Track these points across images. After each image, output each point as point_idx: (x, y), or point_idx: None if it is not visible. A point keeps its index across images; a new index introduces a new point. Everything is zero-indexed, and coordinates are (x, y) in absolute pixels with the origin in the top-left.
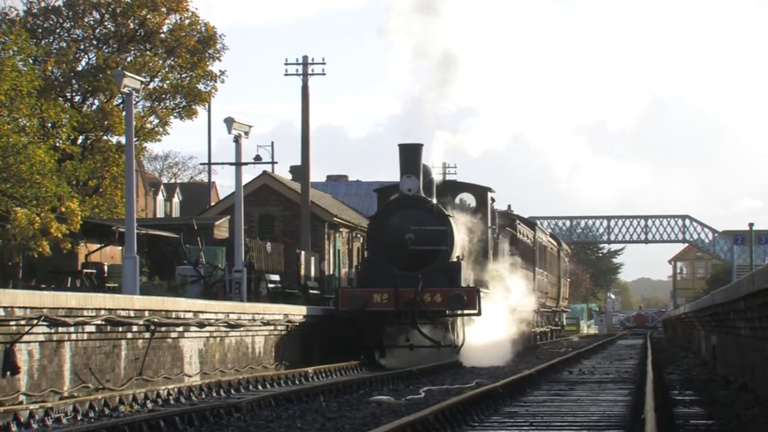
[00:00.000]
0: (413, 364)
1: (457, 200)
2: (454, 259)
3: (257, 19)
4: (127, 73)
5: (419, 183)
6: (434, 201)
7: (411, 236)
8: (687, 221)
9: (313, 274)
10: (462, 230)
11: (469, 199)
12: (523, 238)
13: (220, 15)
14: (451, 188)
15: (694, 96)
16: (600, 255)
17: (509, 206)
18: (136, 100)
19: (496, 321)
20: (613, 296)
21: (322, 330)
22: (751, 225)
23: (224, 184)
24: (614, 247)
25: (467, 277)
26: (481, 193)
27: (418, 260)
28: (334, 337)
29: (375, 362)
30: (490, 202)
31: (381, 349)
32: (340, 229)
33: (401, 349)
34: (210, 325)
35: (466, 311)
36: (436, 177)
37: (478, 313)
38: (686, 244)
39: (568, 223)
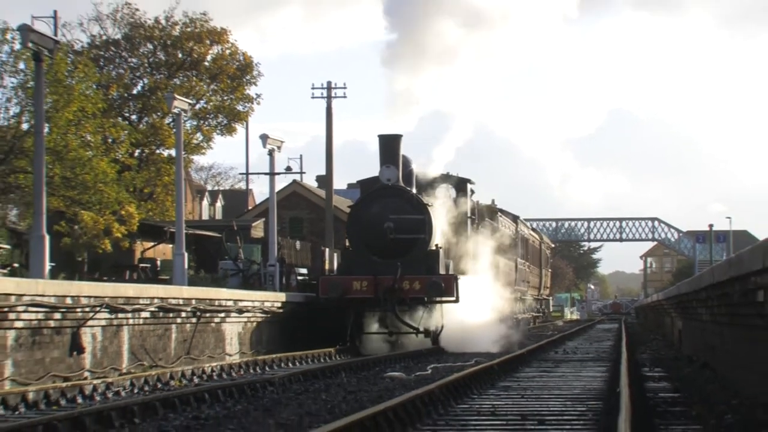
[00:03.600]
0: (391, 350)
1: (436, 191)
2: (433, 248)
3: (304, 49)
4: (176, 96)
5: (398, 173)
6: (413, 191)
7: (390, 225)
8: (656, 223)
9: (336, 267)
10: (441, 219)
11: (449, 190)
12: (505, 229)
13: (271, 45)
14: (430, 179)
15: (669, 115)
16: (581, 252)
17: (493, 201)
18: (185, 119)
19: (475, 308)
20: (592, 287)
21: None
22: (710, 226)
23: (260, 191)
24: (593, 244)
25: (446, 265)
26: (460, 184)
27: (397, 249)
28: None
29: (355, 348)
30: (469, 193)
31: (361, 335)
32: None
33: (380, 336)
34: (248, 311)
35: (444, 298)
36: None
37: (456, 300)
38: (655, 242)
39: (553, 224)
